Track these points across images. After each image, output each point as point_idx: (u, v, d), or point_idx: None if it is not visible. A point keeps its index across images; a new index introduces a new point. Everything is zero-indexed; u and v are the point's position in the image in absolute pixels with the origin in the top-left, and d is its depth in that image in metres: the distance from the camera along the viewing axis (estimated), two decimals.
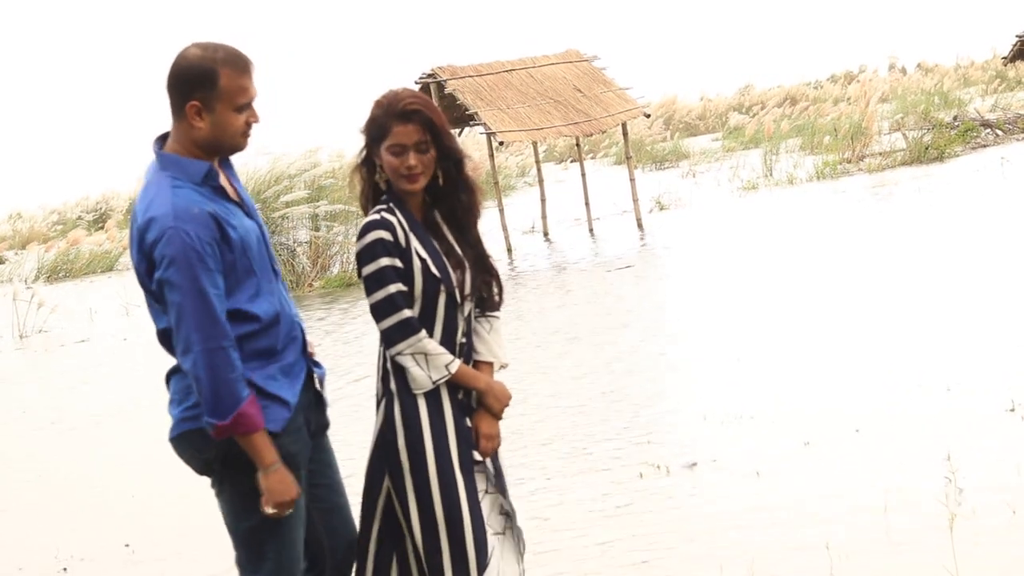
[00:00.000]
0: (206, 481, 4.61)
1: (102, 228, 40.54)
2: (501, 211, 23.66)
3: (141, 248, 4.32)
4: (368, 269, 4.54)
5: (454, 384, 4.61)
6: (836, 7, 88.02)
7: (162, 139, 4.48)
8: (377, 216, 4.58)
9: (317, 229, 21.94)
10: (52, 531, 8.90)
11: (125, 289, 23.72)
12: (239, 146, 4.44)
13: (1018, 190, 19.45)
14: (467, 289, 4.67)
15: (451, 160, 4.66)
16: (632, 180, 24.15)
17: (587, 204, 24.87)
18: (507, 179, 39.58)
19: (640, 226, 23.24)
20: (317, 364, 4.70)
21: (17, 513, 9.59)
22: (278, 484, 4.34)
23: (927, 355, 9.99)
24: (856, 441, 8.01)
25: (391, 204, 4.61)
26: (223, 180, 4.48)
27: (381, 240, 4.54)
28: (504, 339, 4.79)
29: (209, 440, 4.39)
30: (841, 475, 7.41)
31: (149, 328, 18.73)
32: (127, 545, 8.28)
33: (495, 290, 4.77)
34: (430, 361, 4.57)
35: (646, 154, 40.39)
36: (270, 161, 22.58)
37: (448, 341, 4.64)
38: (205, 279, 4.24)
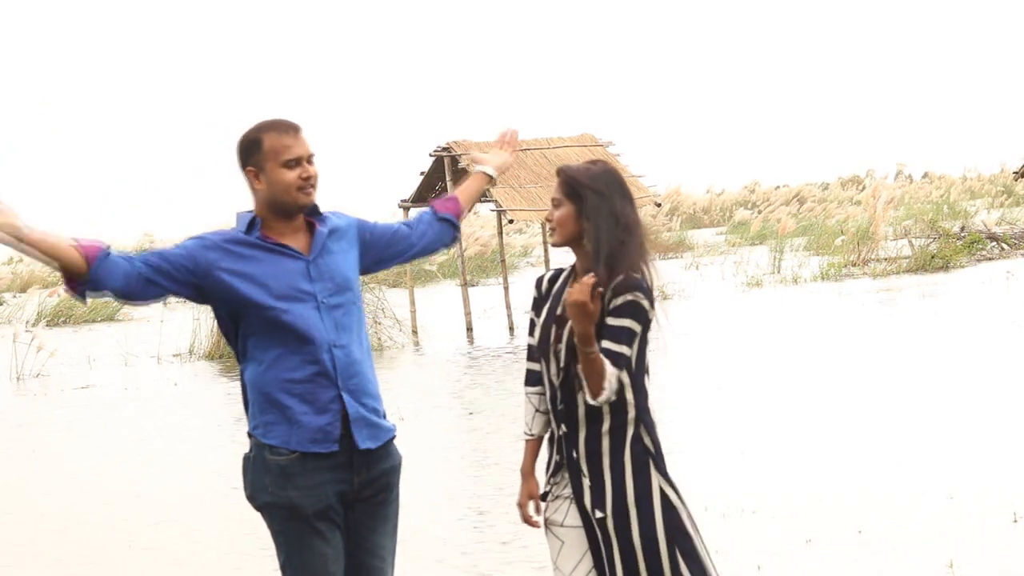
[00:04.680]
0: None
1: None
2: (506, 289, 23.71)
3: None
4: None
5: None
6: (845, 111, 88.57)
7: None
8: (547, 272, 5.13)
9: None
10: None
11: (126, 339, 23.73)
12: (298, 201, 4.91)
13: (1023, 304, 19.53)
14: (561, 362, 4.90)
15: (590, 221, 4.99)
16: None
17: None
18: (511, 258, 39.68)
19: None
20: (370, 424, 4.92)
21: (8, 557, 9.56)
22: None
23: (928, 460, 10.02)
24: (858, 542, 8.02)
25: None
26: (283, 235, 4.94)
27: (534, 295, 5.11)
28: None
29: (246, 474, 4.89)
30: None
31: (149, 379, 18.64)
32: None
33: (582, 383, 4.84)
34: (525, 418, 5.07)
35: (650, 243, 40.43)
36: None
37: (551, 402, 4.95)
38: (165, 249, 4.87)
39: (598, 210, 4.98)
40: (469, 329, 22.09)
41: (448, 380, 17.04)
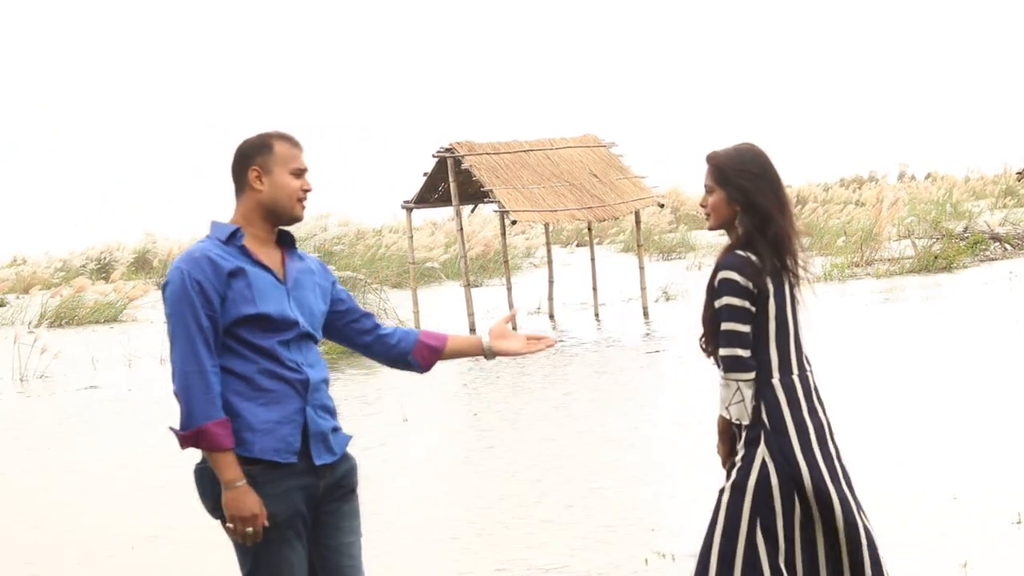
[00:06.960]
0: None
1: (105, 278, 40.49)
2: (509, 290, 23.70)
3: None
4: None
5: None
6: (848, 112, 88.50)
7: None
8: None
9: None
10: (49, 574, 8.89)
11: (129, 340, 23.73)
12: (295, 211, 4.98)
13: None
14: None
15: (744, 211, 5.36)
16: (641, 268, 24.21)
17: (595, 289, 24.89)
18: (513, 259, 39.66)
19: (646, 314, 23.29)
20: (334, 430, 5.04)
21: (11, 558, 9.57)
22: (233, 502, 4.76)
23: (931, 461, 10.02)
24: None
25: None
26: (261, 250, 4.95)
27: None
28: (723, 398, 5.52)
29: (207, 484, 4.87)
30: None
31: (152, 380, 18.63)
32: None
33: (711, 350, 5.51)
34: None
35: (653, 244, 40.47)
36: None
37: None
38: (188, 313, 4.78)
39: (741, 196, 5.28)
40: (472, 330, 22.09)
41: (452, 380, 17.03)
